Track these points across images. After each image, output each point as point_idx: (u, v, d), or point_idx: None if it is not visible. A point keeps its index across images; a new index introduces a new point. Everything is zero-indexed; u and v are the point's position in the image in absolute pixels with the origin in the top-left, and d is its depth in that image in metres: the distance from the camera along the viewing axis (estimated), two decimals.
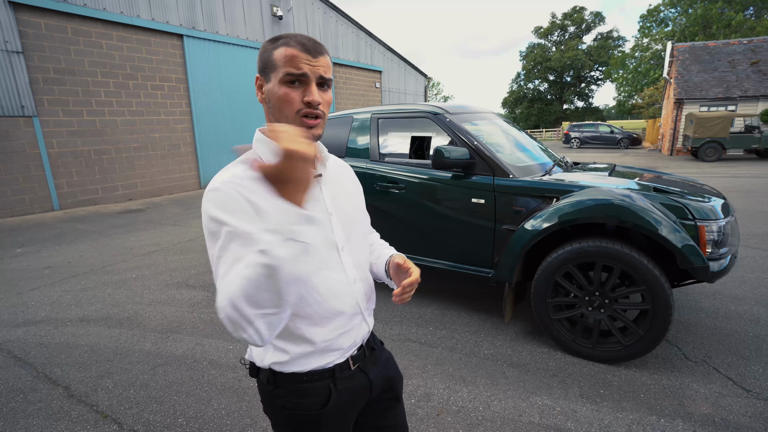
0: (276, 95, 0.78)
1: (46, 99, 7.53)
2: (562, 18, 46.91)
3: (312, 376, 0.86)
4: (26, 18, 7.17)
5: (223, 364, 2.48)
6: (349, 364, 0.91)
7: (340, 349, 0.89)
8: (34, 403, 2.14)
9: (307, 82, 0.77)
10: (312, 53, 0.77)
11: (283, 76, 0.76)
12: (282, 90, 0.77)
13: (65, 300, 3.52)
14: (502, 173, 2.63)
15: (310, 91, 0.77)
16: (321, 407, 0.86)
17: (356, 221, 0.94)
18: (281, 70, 0.77)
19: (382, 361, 1.01)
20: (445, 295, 3.44)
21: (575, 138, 23.05)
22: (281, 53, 0.77)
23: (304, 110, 0.77)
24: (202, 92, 10.26)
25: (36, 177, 7.51)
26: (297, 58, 0.76)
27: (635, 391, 2.10)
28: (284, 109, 0.77)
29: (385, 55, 17.15)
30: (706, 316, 2.88)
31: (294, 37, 0.78)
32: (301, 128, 0.74)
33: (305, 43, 0.78)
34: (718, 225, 2.17)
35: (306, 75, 0.77)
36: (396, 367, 1.07)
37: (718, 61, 17.13)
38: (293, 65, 0.76)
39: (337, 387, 0.88)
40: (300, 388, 0.86)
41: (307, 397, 0.86)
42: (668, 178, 3.04)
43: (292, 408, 0.87)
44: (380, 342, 1.06)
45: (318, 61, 0.78)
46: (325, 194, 0.87)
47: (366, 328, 0.95)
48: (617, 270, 2.22)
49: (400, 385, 1.07)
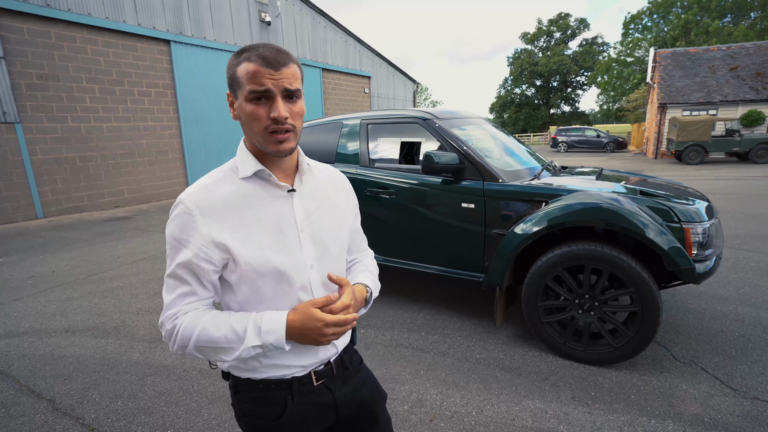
0: (244, 112, 0.77)
1: (29, 105, 7.38)
2: (548, 24, 47.80)
3: (268, 385, 0.86)
4: (8, 23, 7.04)
5: (213, 373, 2.44)
6: (312, 379, 0.88)
7: (298, 367, 0.86)
8: (16, 417, 2.08)
9: (272, 97, 0.76)
10: (274, 66, 0.75)
11: (248, 94, 0.75)
12: (249, 107, 0.76)
13: (49, 310, 3.43)
14: (491, 178, 2.65)
15: (276, 106, 0.76)
16: (277, 418, 0.86)
17: (333, 238, 0.91)
18: (245, 88, 0.75)
19: (356, 382, 0.97)
20: (437, 299, 3.44)
21: (562, 142, 23.42)
22: (244, 69, 0.75)
23: (271, 126, 0.76)
24: (190, 98, 10.17)
25: (18, 185, 7.34)
26: (259, 73, 0.74)
27: (626, 393, 2.12)
28: (253, 126, 0.77)
29: (373, 60, 17.24)
30: (693, 317, 2.94)
31: (255, 50, 0.76)
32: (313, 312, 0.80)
33: (266, 56, 0.75)
34: (702, 227, 2.22)
35: (270, 90, 0.75)
36: (375, 387, 1.02)
37: (699, 66, 17.61)
38: (255, 82, 0.74)
39: (294, 400, 0.86)
40: (257, 395, 0.86)
41: (264, 406, 0.87)
42: (654, 181, 3.10)
43: (250, 415, 0.88)
44: (359, 360, 1.02)
45: (281, 74, 0.75)
46: (298, 210, 0.85)
47: (333, 350, 0.92)
48: (606, 272, 2.25)
49: (380, 406, 1.03)
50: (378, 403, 1.02)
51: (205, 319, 0.77)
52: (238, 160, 0.84)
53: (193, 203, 0.78)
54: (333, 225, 0.92)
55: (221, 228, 0.78)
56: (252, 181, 0.83)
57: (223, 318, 0.78)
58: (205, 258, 0.77)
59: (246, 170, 0.81)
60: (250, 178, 0.82)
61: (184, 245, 0.78)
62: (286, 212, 0.84)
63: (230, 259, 0.79)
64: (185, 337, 0.76)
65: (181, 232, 0.78)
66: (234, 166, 0.84)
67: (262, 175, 0.82)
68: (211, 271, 0.80)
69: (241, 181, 0.82)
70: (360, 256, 1.07)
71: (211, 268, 0.79)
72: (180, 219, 0.78)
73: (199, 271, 0.79)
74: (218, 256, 0.78)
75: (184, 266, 0.78)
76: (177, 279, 0.79)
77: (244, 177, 0.82)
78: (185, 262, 0.78)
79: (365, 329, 2.95)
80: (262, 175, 0.83)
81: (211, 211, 0.78)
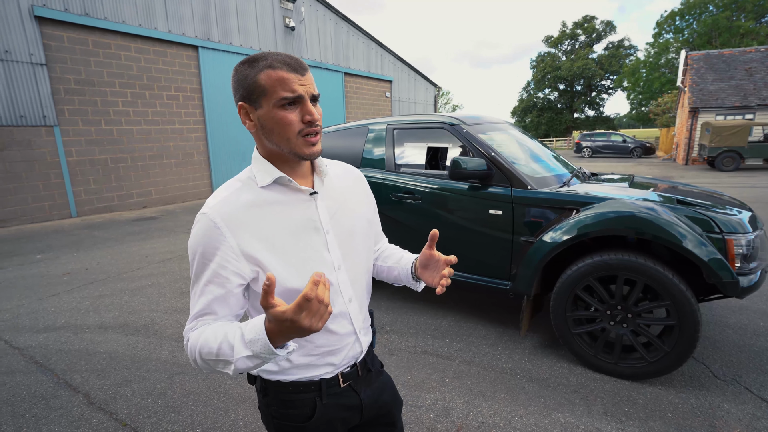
0: (273, 120, 0.76)
1: (66, 109, 7.73)
2: (573, 27, 46.90)
3: (297, 387, 0.87)
4: (50, 31, 7.40)
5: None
6: (339, 380, 0.90)
7: (328, 365, 0.88)
8: (55, 409, 2.16)
9: (300, 101, 0.76)
10: (299, 71, 0.75)
11: (278, 101, 0.74)
12: (279, 114, 0.75)
13: (83, 307, 3.56)
14: (520, 184, 2.61)
15: (309, 110, 0.76)
16: (306, 420, 0.87)
17: (356, 235, 0.91)
18: (274, 95, 0.74)
19: (378, 385, 0.98)
20: (460, 306, 3.40)
21: (587, 147, 22.85)
22: (269, 77, 0.74)
23: (305, 130, 0.77)
24: (216, 102, 10.44)
25: (55, 185, 7.68)
26: (288, 80, 0.74)
27: (662, 410, 2.04)
28: (285, 132, 0.76)
29: (395, 64, 17.29)
30: (733, 333, 2.80)
31: (275, 57, 0.75)
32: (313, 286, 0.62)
33: (290, 63, 0.75)
34: (747, 239, 2.12)
35: (301, 96, 0.75)
36: (394, 393, 1.04)
37: (734, 69, 16.90)
38: (287, 88, 0.74)
39: (323, 401, 0.87)
40: (287, 398, 0.87)
41: (293, 408, 0.87)
42: (691, 189, 2.98)
43: (279, 417, 0.88)
44: (380, 364, 1.03)
45: (306, 79, 0.76)
46: (322, 212, 0.85)
47: (359, 348, 0.93)
48: (641, 284, 2.17)
49: (398, 412, 1.04)
50: (396, 408, 1.04)
51: (208, 331, 0.74)
52: (254, 169, 0.83)
53: (218, 215, 0.76)
54: (356, 222, 0.92)
55: (249, 238, 0.76)
56: (272, 189, 0.81)
57: (222, 329, 0.73)
58: (233, 270, 0.76)
59: (265, 178, 0.80)
60: (269, 186, 0.81)
61: (210, 259, 0.76)
62: (311, 216, 0.83)
63: (259, 272, 0.78)
64: (193, 350, 0.75)
65: (206, 245, 0.75)
66: (251, 175, 0.83)
67: (282, 181, 0.82)
68: (237, 284, 0.78)
69: (261, 190, 0.81)
70: (383, 244, 1.11)
71: (238, 281, 0.77)
72: (204, 232, 0.75)
73: (225, 285, 0.77)
74: (248, 268, 0.77)
75: (210, 281, 0.77)
76: (201, 295, 0.78)
77: (264, 185, 0.80)
78: (211, 275, 0.76)
79: (389, 335, 2.94)
80: (282, 182, 0.82)
81: (236, 222, 0.76)
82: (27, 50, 7.09)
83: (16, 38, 6.97)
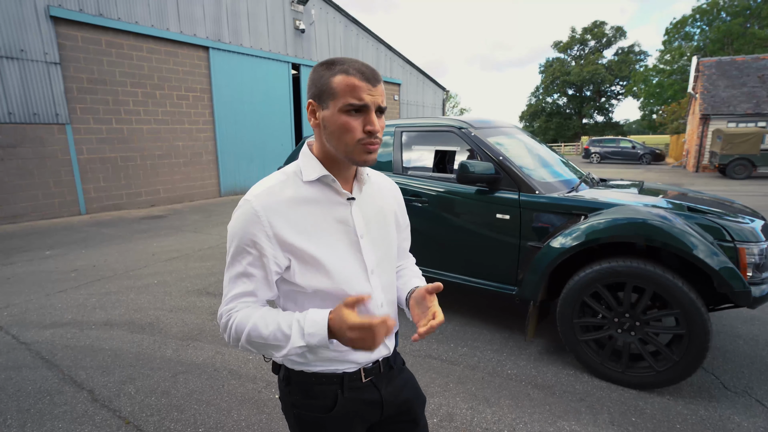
0: (336, 123, 0.78)
1: (78, 107, 7.84)
2: (582, 32, 46.65)
3: (320, 378, 0.88)
4: (65, 31, 7.52)
5: (243, 374, 2.47)
6: (361, 375, 0.91)
7: (352, 363, 0.89)
8: (60, 405, 2.17)
9: (366, 110, 0.77)
10: (372, 82, 0.77)
11: (344, 106, 0.76)
12: (342, 118, 0.77)
13: (90, 303, 3.59)
14: (528, 189, 2.59)
15: (371, 120, 0.78)
16: (327, 411, 0.88)
17: (389, 243, 0.94)
18: (341, 100, 0.77)
19: (399, 382, 0.99)
20: (465, 310, 3.37)
21: (595, 153, 22.69)
22: (341, 81, 0.76)
23: (365, 139, 0.78)
24: (225, 102, 10.52)
25: (66, 182, 7.78)
26: (359, 87, 0.76)
27: (670, 421, 2.00)
28: (344, 137, 0.78)
29: (404, 68, 17.32)
30: (744, 343, 2.74)
31: (352, 64, 0.78)
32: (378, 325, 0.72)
33: (365, 72, 0.77)
34: (759, 248, 2.08)
35: (367, 105, 0.77)
36: (416, 389, 1.04)
37: (747, 76, 16.69)
38: (355, 96, 0.76)
39: (344, 394, 0.89)
40: (309, 388, 0.88)
41: (314, 399, 0.89)
42: (702, 197, 2.93)
43: (300, 407, 0.90)
44: (402, 361, 1.04)
45: (377, 90, 0.78)
46: (357, 217, 0.87)
47: (385, 351, 0.94)
48: (649, 291, 2.14)
49: (420, 408, 1.04)
50: (418, 405, 1.04)
51: (256, 315, 0.79)
52: (301, 164, 0.86)
53: (260, 204, 0.79)
54: (388, 230, 0.95)
55: (287, 229, 0.80)
56: (314, 186, 0.85)
57: (272, 316, 0.79)
58: (270, 257, 0.80)
59: (311, 174, 0.83)
60: (312, 183, 0.84)
61: (248, 245, 0.79)
62: (346, 219, 0.86)
63: (293, 261, 0.81)
64: (239, 331, 0.79)
65: (246, 231, 0.79)
66: (297, 169, 0.86)
67: (325, 180, 0.84)
68: (273, 272, 0.82)
69: (303, 185, 0.84)
70: (406, 262, 1.11)
71: (275, 269, 0.81)
72: (246, 218, 0.79)
73: (261, 271, 0.81)
74: (282, 257, 0.81)
75: (249, 265, 0.80)
76: (239, 276, 0.82)
77: (308, 180, 0.83)
78: (249, 261, 0.80)
79: None
80: (325, 181, 0.85)
81: (276, 212, 0.80)
82: (42, 49, 7.21)
83: (32, 38, 7.09)
